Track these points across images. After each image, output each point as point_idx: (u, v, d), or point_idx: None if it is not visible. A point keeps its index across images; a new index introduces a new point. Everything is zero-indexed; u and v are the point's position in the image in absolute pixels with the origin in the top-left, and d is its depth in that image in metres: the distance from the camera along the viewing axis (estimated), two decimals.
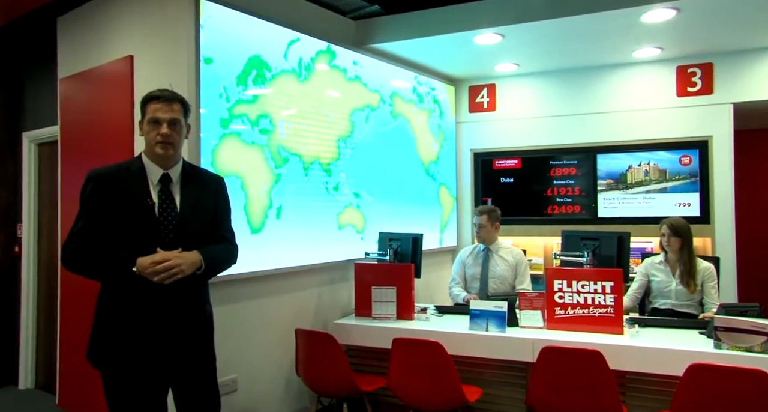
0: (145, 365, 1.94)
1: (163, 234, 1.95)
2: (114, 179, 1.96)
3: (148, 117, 1.98)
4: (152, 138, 1.97)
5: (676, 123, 4.37)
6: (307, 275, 3.46)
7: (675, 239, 3.40)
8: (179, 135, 2.02)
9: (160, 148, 1.97)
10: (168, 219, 1.97)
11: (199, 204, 2.05)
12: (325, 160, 3.58)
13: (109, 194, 1.93)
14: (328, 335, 2.85)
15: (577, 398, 2.46)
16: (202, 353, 2.08)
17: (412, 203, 4.48)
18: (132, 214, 1.93)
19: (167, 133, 1.96)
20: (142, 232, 1.92)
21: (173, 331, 1.97)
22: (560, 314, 3.01)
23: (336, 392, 2.97)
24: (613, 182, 4.55)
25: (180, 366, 2.01)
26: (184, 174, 2.07)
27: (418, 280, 4.29)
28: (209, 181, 2.16)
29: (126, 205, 1.93)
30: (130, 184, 1.96)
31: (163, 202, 1.98)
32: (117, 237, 1.91)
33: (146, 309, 1.93)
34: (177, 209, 2.00)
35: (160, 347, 1.95)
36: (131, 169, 1.99)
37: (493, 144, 4.99)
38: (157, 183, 1.99)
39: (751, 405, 2.13)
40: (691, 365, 2.23)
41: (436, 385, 2.68)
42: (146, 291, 1.91)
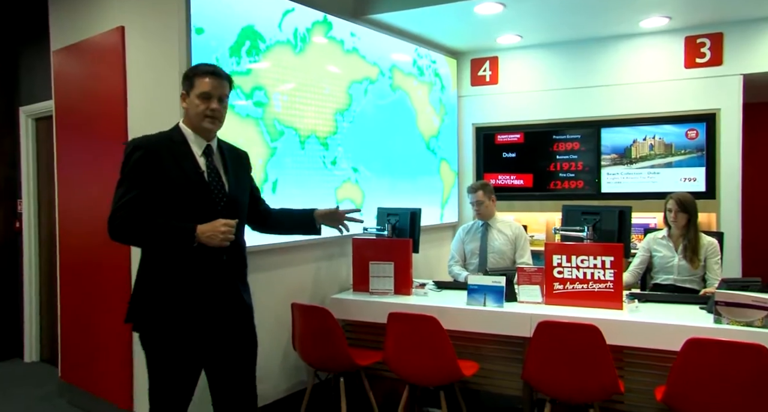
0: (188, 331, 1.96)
1: (215, 204, 1.98)
2: (160, 148, 1.96)
3: (199, 91, 1.98)
4: (201, 112, 1.98)
5: (683, 96, 4.26)
6: (304, 250, 3.44)
7: (682, 215, 3.34)
8: (225, 110, 2.07)
9: (209, 122, 1.99)
10: (218, 189, 2.00)
11: (239, 176, 2.13)
12: (323, 133, 3.52)
13: (158, 163, 1.92)
14: (325, 309, 2.84)
15: (573, 373, 2.44)
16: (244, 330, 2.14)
17: (413, 179, 4.43)
18: (184, 183, 1.94)
19: (218, 108, 2.00)
20: (195, 201, 1.95)
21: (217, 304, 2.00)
22: (559, 289, 2.98)
23: (333, 367, 2.97)
24: (617, 157, 4.47)
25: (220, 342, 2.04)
26: (220, 148, 2.11)
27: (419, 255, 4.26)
28: (242, 155, 2.25)
29: (177, 174, 1.93)
30: (177, 154, 1.97)
31: (211, 172, 2.01)
32: (169, 206, 1.92)
33: (195, 276, 1.95)
34: (223, 180, 2.04)
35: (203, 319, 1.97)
36: (174, 139, 2.00)
37: (496, 118, 4.90)
38: (201, 154, 2.01)
39: (750, 380, 2.10)
40: (689, 340, 2.19)
41: (431, 359, 2.67)
42: (198, 258, 1.93)
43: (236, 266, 2.08)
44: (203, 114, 1.98)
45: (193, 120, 2.01)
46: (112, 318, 3.14)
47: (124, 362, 3.05)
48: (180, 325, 1.95)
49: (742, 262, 4.11)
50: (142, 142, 1.97)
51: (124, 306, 3.04)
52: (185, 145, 2.00)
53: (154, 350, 1.98)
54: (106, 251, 3.18)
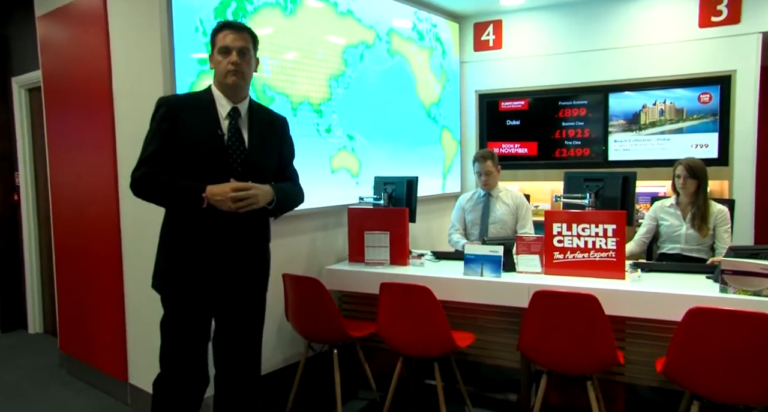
0: (205, 293, 1.95)
1: (232, 167, 1.92)
2: (184, 106, 1.93)
3: (219, 46, 1.93)
4: (223, 68, 1.92)
5: (696, 57, 4.05)
6: (298, 220, 3.36)
7: (691, 181, 3.20)
8: (249, 66, 1.97)
9: (230, 77, 1.92)
10: (237, 152, 1.94)
11: (265, 141, 2.04)
12: (316, 100, 3.40)
13: (179, 121, 1.89)
14: (315, 280, 2.77)
15: (570, 345, 2.35)
16: (257, 291, 2.12)
17: (412, 147, 4.30)
18: (202, 143, 1.90)
19: (237, 61, 1.91)
20: (211, 162, 1.90)
21: (236, 264, 1.98)
22: (559, 259, 2.87)
23: (326, 338, 2.92)
24: (625, 123, 4.29)
25: (235, 301, 2.03)
26: (251, 111, 2.04)
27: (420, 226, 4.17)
28: (275, 121, 2.15)
29: (196, 133, 1.90)
30: (200, 114, 1.93)
31: (233, 135, 1.94)
32: (186, 165, 1.89)
33: (211, 240, 1.92)
34: (245, 143, 1.97)
35: (222, 277, 1.95)
36: (201, 99, 1.97)
37: (499, 85, 4.73)
38: (226, 116, 1.96)
39: (755, 350, 1.99)
40: (691, 309, 2.09)
41: (425, 330, 2.60)
42: (214, 221, 1.90)
43: (254, 230, 2.03)
44: (225, 69, 1.91)
45: (219, 78, 1.95)
46: (105, 290, 3.11)
47: (118, 334, 3.03)
48: (195, 284, 1.94)
49: (755, 231, 3.96)
50: (169, 99, 1.98)
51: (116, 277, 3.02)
52: (211, 107, 1.95)
53: (172, 311, 1.98)
54: (97, 222, 3.13)
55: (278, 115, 2.19)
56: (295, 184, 2.22)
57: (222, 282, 1.96)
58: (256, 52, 2.03)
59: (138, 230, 2.88)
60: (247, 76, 1.97)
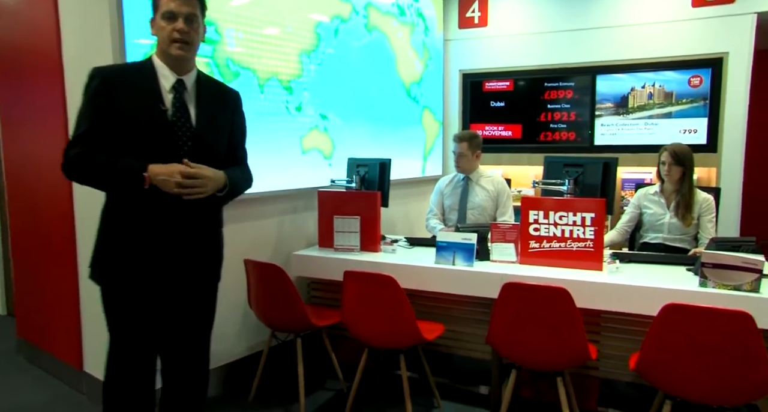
0: (148, 285, 1.77)
1: (177, 146, 1.74)
2: (121, 78, 1.74)
3: (162, 10, 1.73)
4: (167, 35, 1.72)
5: (688, 38, 3.89)
6: (264, 203, 3.20)
7: (676, 168, 3.07)
8: (197, 34, 1.78)
9: (176, 47, 1.72)
10: (183, 129, 1.76)
11: (215, 117, 1.86)
12: (285, 76, 3.21)
13: (116, 95, 1.70)
14: (277, 266, 2.62)
15: (539, 338, 2.23)
16: (208, 282, 1.94)
17: (391, 128, 4.13)
18: (142, 119, 1.71)
19: (185, 28, 1.72)
20: (153, 140, 1.72)
21: (183, 253, 1.80)
22: (535, 248, 2.74)
23: (289, 327, 2.78)
24: (612, 106, 4.14)
25: (182, 293, 1.85)
26: (199, 83, 1.84)
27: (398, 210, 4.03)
28: (226, 95, 1.96)
29: (135, 108, 1.71)
30: (140, 86, 1.74)
31: (177, 110, 1.76)
32: (125, 144, 1.70)
33: (156, 225, 1.75)
34: (192, 119, 1.78)
35: (167, 267, 1.78)
36: (141, 71, 1.77)
37: (484, 64, 4.55)
38: (170, 89, 1.76)
39: (731, 349, 1.87)
40: (666, 306, 1.96)
41: (389, 321, 2.46)
42: (159, 205, 1.72)
43: (204, 213, 1.85)
44: (169, 37, 1.72)
45: (162, 47, 1.76)
46: (60, 275, 2.95)
47: (73, 321, 2.88)
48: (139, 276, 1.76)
49: (741, 220, 3.84)
50: (103, 70, 1.76)
51: (70, 261, 2.86)
52: (152, 79, 1.75)
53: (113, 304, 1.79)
54: (49, 200, 2.96)
55: (230, 88, 1.99)
56: (245, 168, 2.03)
57: (169, 272, 1.79)
58: (204, 18, 1.82)
59: (92, 211, 2.68)
60: (194, 45, 1.77)
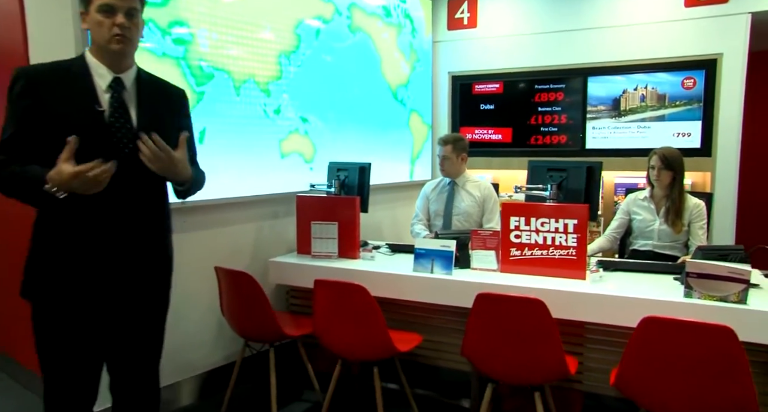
0: (86, 300, 1.61)
1: (117, 148, 1.60)
2: (49, 78, 1.59)
3: (98, 3, 1.58)
4: (105, 31, 1.59)
5: (681, 39, 3.78)
6: (242, 208, 3.12)
7: (665, 173, 2.96)
8: (137, 29, 1.65)
9: (116, 43, 1.59)
10: (122, 131, 1.62)
11: (159, 118, 1.72)
12: (263, 78, 3.13)
13: (44, 96, 1.56)
14: (246, 274, 2.53)
15: (515, 352, 2.12)
16: (156, 296, 1.78)
17: (377, 131, 4.04)
18: (75, 121, 1.56)
19: (125, 23, 1.59)
20: (90, 143, 1.54)
21: (125, 264, 1.66)
22: (516, 256, 2.64)
23: (261, 337, 2.69)
24: (604, 109, 4.03)
25: (126, 307, 1.69)
26: (139, 81, 1.71)
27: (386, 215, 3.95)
28: (171, 93, 1.83)
29: (67, 110, 1.56)
30: (72, 86, 1.60)
31: (116, 110, 1.62)
32: (59, 150, 1.49)
33: (92, 235, 1.60)
34: (132, 120, 1.65)
35: (106, 280, 1.63)
36: (72, 69, 1.62)
37: (474, 66, 4.45)
38: (106, 88, 1.63)
39: (713, 365, 1.77)
40: (645, 319, 1.86)
41: (360, 332, 2.37)
42: (96, 211, 1.58)
43: (149, 219, 1.71)
44: (109, 34, 1.58)
45: (99, 42, 1.62)
46: None
47: None
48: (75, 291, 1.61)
49: (737, 227, 3.72)
50: (27, 70, 1.63)
51: None
52: (85, 77, 1.62)
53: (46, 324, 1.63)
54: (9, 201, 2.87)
55: (175, 87, 1.87)
56: (200, 169, 1.92)
57: (109, 285, 1.63)
58: (143, 12, 1.70)
59: None
60: (134, 41, 1.65)
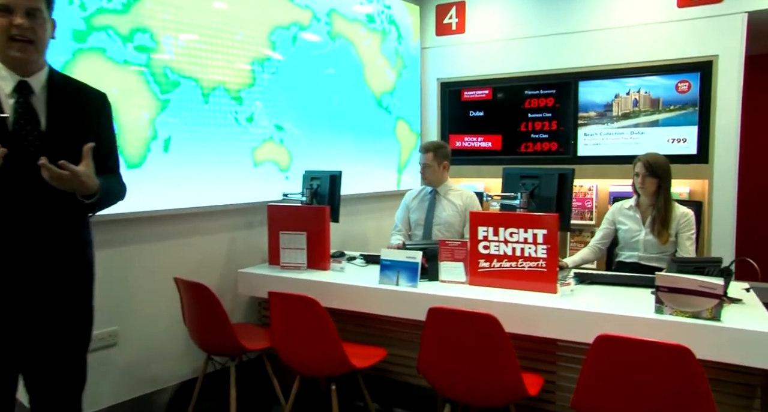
0: None
1: (26, 155, 1.50)
2: None
3: None
4: (2, 32, 1.50)
5: (674, 41, 3.62)
6: (214, 218, 3.06)
7: (650, 180, 2.82)
8: (42, 30, 1.55)
9: (16, 48, 1.50)
10: (30, 138, 1.52)
11: (74, 122, 1.62)
12: (234, 86, 3.08)
13: None
14: (203, 286, 2.45)
15: (468, 370, 2.00)
16: (77, 307, 1.68)
17: (361, 139, 3.96)
18: None
19: (25, 24, 1.49)
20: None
21: (43, 277, 1.57)
22: (485, 268, 2.51)
23: (222, 350, 2.61)
24: (596, 115, 3.88)
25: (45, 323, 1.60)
26: (52, 84, 1.61)
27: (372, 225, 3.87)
28: (88, 97, 1.71)
29: None
30: None
31: (21, 116, 1.52)
32: None
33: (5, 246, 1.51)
34: (41, 126, 1.55)
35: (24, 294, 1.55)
36: None
37: (463, 72, 4.35)
38: (11, 93, 1.53)
39: (670, 387, 1.62)
40: (599, 337, 1.72)
41: (315, 346, 2.27)
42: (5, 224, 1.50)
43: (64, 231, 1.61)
44: (6, 34, 1.49)
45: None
46: None
47: None
48: None
49: (736, 237, 3.52)
50: None
51: None
52: None
53: None
54: None
55: (95, 90, 1.76)
56: (119, 178, 1.81)
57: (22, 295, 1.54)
58: (51, 11, 1.59)
59: None
60: (40, 44, 1.55)
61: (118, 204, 1.82)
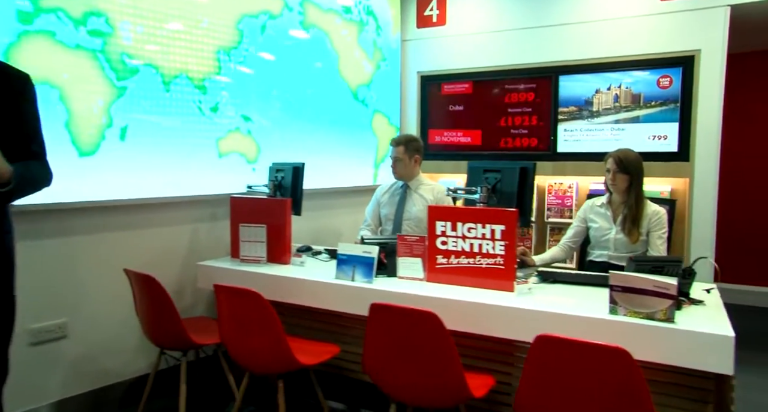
0: None
1: None
2: None
3: None
4: None
5: (657, 35, 3.51)
6: (175, 209, 2.99)
7: (621, 176, 2.72)
8: None
9: None
10: None
11: None
12: (198, 75, 3.01)
13: None
14: (151, 277, 2.38)
15: (410, 369, 1.92)
16: None
17: (334, 132, 3.88)
18: None
19: None
20: None
21: None
22: (442, 264, 2.43)
23: (172, 345, 2.54)
24: (576, 110, 3.77)
25: None
26: None
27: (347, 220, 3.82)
28: (10, 78, 1.67)
29: None
30: None
31: None
32: None
33: None
34: None
35: None
36: None
37: (443, 65, 4.25)
38: None
39: (609, 391, 1.53)
40: (538, 337, 1.63)
41: (261, 342, 2.19)
42: None
43: None
44: None
45: None
46: None
47: None
48: None
49: (716, 238, 3.41)
50: None
51: None
52: None
53: None
54: None
55: (16, 70, 1.71)
56: (43, 163, 1.75)
57: None
58: None
59: None
60: None
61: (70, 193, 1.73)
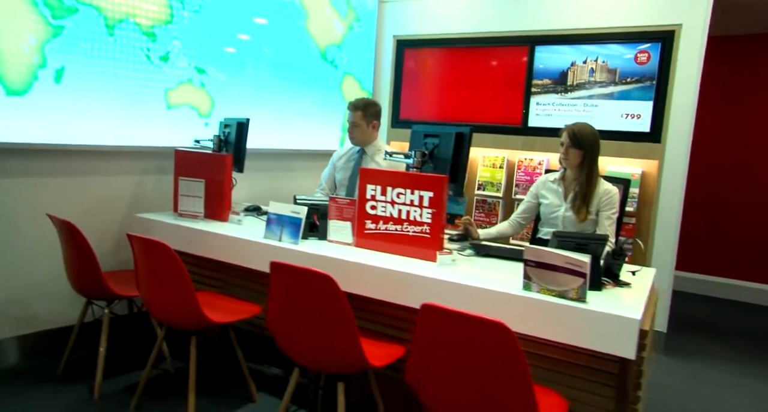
0: None
1: None
2: None
3: None
4: None
5: (638, 6, 3.31)
6: (117, 158, 2.91)
7: (574, 152, 2.58)
8: None
9: None
10: None
11: None
12: (146, 20, 2.89)
13: None
14: (71, 224, 2.32)
15: (307, 329, 1.85)
16: None
17: (298, 92, 3.75)
18: None
19: None
20: None
21: None
22: (371, 229, 2.34)
23: (95, 294, 2.49)
24: (550, 83, 3.60)
25: None
26: None
27: (308, 185, 3.75)
28: None
29: None
30: None
31: None
32: None
33: None
34: None
35: None
36: None
37: (420, 30, 4.07)
38: None
39: (491, 366, 1.45)
40: (423, 306, 1.54)
41: (172, 298, 2.13)
42: None
43: None
44: None
45: None
46: None
47: None
48: None
49: (681, 225, 3.27)
50: None
51: None
52: None
53: None
54: None
55: None
56: None
57: None
58: None
59: None
60: None
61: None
